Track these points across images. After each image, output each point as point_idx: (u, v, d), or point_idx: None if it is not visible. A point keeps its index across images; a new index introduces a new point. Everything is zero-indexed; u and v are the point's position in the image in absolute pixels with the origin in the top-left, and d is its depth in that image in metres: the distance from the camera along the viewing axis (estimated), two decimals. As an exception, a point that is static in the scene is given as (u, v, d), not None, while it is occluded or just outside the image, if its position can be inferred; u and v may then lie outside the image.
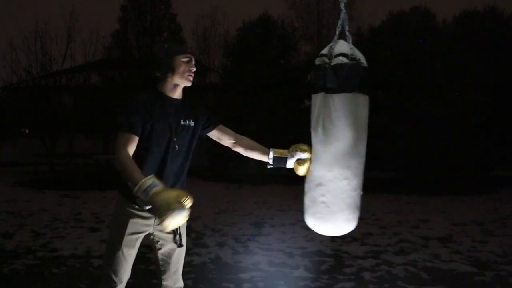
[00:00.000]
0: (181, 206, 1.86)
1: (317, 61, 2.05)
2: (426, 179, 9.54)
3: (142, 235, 2.27)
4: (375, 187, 9.62)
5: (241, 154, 2.49)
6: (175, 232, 2.28)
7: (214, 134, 2.44)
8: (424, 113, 9.63)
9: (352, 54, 1.97)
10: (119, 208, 2.27)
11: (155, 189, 1.90)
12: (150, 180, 1.93)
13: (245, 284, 3.79)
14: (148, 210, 2.14)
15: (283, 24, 13.74)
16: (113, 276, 2.25)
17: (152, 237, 2.31)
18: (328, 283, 3.86)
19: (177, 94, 2.28)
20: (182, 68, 2.23)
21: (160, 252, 2.34)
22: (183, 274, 2.47)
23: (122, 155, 2.09)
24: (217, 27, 19.09)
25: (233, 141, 2.44)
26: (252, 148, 2.44)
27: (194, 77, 2.27)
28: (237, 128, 2.58)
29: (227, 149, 2.49)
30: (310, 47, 16.41)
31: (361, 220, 2.13)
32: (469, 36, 11.24)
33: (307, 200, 2.11)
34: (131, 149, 2.13)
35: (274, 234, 5.57)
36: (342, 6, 2.05)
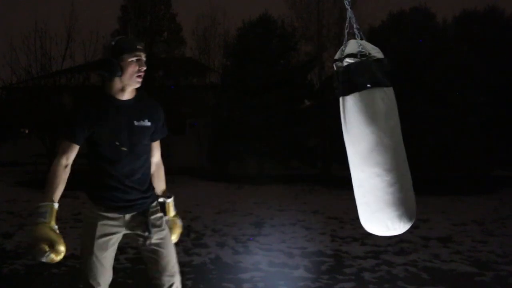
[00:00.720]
0: (40, 252, 1.95)
1: (334, 67, 2.06)
2: (426, 179, 9.54)
3: (114, 237, 2.22)
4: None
5: (241, 155, 2.50)
6: (145, 225, 2.22)
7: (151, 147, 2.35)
8: (424, 113, 9.63)
9: (361, 51, 1.96)
10: (87, 211, 2.26)
11: (39, 219, 2.03)
12: (43, 208, 2.06)
13: (245, 284, 3.78)
14: (115, 210, 2.17)
15: (283, 24, 13.75)
16: (91, 281, 2.18)
17: (129, 236, 2.27)
18: (328, 283, 3.86)
19: (127, 95, 2.17)
20: (130, 68, 2.11)
21: (144, 249, 2.26)
22: (183, 274, 2.46)
23: (54, 163, 2.14)
24: (217, 27, 19.06)
25: (154, 167, 2.38)
26: (158, 183, 2.41)
27: (194, 77, 2.22)
28: (237, 128, 2.57)
29: (227, 149, 2.48)
30: (310, 47, 16.38)
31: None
32: (469, 36, 11.25)
33: (356, 202, 2.09)
34: (70, 157, 2.14)
35: (274, 234, 5.57)
36: (347, 4, 2.05)
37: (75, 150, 2.14)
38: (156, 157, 2.37)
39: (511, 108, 11.07)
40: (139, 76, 2.13)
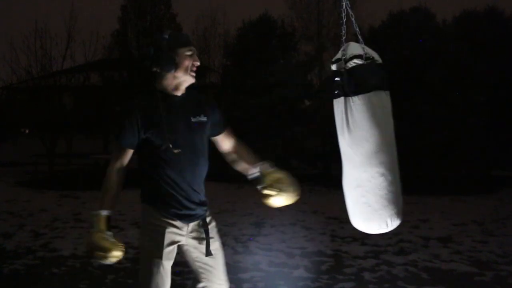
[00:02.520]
0: (97, 258, 1.95)
1: (334, 67, 2.06)
2: (426, 179, 9.54)
3: (176, 246, 2.12)
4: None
5: None
6: (205, 240, 2.13)
7: (217, 140, 2.23)
8: (424, 113, 9.62)
9: (366, 54, 1.98)
10: (151, 220, 2.08)
11: (91, 228, 1.97)
12: (93, 217, 1.98)
13: (245, 284, 3.79)
14: (180, 218, 2.07)
15: (283, 24, 13.75)
16: None
17: (186, 246, 2.15)
18: (328, 283, 3.86)
19: (180, 91, 2.06)
20: (186, 63, 2.00)
21: (196, 260, 2.16)
22: (183, 274, 2.46)
23: (108, 169, 2.04)
24: (217, 27, 19.08)
25: (231, 151, 2.24)
26: (242, 160, 2.21)
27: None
28: (237, 128, 2.55)
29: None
30: (310, 47, 16.38)
31: (361, 220, 2.13)
32: (469, 36, 11.23)
33: (350, 203, 2.10)
34: (124, 161, 2.04)
35: (274, 234, 5.57)
36: (344, 5, 2.06)
37: (129, 154, 2.03)
38: (227, 145, 2.23)
39: (511, 108, 11.06)
40: (193, 71, 2.03)
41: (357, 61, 1.98)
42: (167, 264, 2.06)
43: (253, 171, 2.14)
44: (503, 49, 11.20)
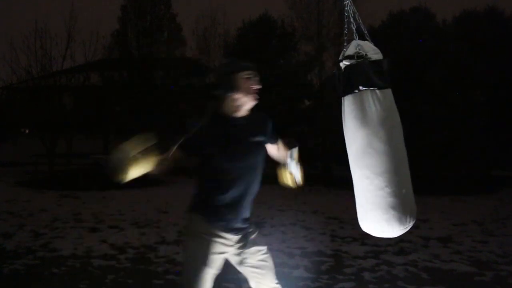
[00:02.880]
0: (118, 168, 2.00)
1: (336, 68, 2.08)
2: (426, 179, 9.54)
3: (224, 256, 2.19)
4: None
5: None
6: (253, 247, 2.25)
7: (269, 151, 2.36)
8: (424, 113, 9.63)
9: (358, 52, 1.96)
10: (200, 229, 2.14)
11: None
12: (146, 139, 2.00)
13: (245, 284, 3.78)
14: (230, 231, 2.15)
15: (283, 24, 13.75)
16: None
17: (235, 257, 2.24)
18: (328, 283, 3.86)
19: (242, 113, 2.17)
20: (245, 85, 2.11)
21: (247, 266, 2.26)
22: (183, 274, 2.46)
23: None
24: (217, 27, 19.04)
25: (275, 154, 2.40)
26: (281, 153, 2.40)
27: (194, 77, 2.21)
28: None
29: None
30: (310, 47, 16.37)
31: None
32: (469, 36, 11.24)
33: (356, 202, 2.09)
34: (176, 156, 2.08)
35: (274, 234, 5.56)
36: (347, 3, 2.06)
37: (181, 157, 2.10)
38: (276, 150, 2.38)
39: (511, 108, 11.06)
40: (254, 93, 2.13)
41: (346, 62, 1.98)
42: (212, 271, 2.14)
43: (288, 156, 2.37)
44: (503, 49, 11.21)
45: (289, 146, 2.36)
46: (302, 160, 2.40)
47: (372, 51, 1.99)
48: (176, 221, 6.28)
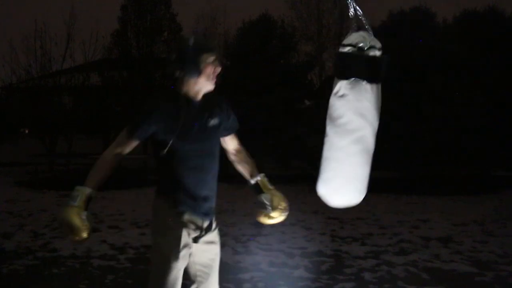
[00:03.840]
0: (64, 234, 1.96)
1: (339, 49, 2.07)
2: (426, 179, 9.54)
3: (190, 247, 2.09)
4: (375, 187, 9.62)
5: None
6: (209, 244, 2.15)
7: (224, 140, 2.26)
8: (424, 113, 9.62)
9: (358, 43, 1.97)
10: (167, 218, 2.06)
11: (69, 201, 1.94)
12: (76, 192, 1.96)
13: (245, 284, 3.78)
14: (196, 217, 2.08)
15: (283, 24, 13.76)
16: None
17: (193, 248, 2.13)
18: (328, 283, 3.85)
19: (200, 95, 2.09)
20: (208, 69, 2.02)
21: (196, 263, 2.14)
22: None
23: (107, 151, 2.06)
24: (217, 27, 19.06)
25: (234, 153, 2.31)
26: (243, 166, 2.29)
27: None
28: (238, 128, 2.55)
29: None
30: (310, 47, 16.39)
31: (361, 220, 2.13)
32: (469, 36, 11.23)
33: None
34: (125, 150, 2.05)
35: (274, 234, 5.56)
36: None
37: (133, 145, 2.05)
38: (232, 146, 2.29)
39: (511, 108, 11.05)
40: (214, 78, 2.06)
41: (345, 49, 1.99)
42: (182, 266, 2.06)
43: (252, 180, 2.26)
44: (503, 49, 11.20)
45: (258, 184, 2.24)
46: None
47: (372, 47, 1.99)
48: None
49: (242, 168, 2.30)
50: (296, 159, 12.39)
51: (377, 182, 11.17)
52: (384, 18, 12.23)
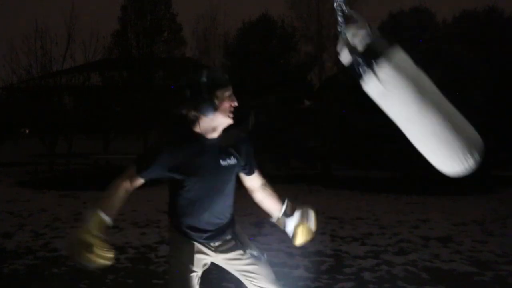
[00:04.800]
0: (80, 257, 1.82)
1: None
2: (426, 179, 9.54)
3: (206, 261, 2.18)
4: (375, 187, 9.63)
5: None
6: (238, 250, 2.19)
7: (245, 178, 2.23)
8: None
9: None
10: (179, 243, 2.11)
11: (85, 226, 1.88)
12: (92, 215, 1.90)
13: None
14: (209, 242, 2.13)
15: (283, 24, 13.78)
16: None
17: (221, 262, 2.25)
18: (328, 283, 3.86)
19: (217, 133, 2.01)
20: (225, 105, 1.93)
21: (238, 270, 2.25)
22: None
23: (117, 181, 2.00)
24: (217, 27, 19.03)
25: (258, 189, 2.28)
26: (270, 201, 2.29)
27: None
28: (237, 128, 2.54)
29: None
30: (310, 47, 16.39)
31: (361, 220, 2.13)
32: (469, 36, 11.25)
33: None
34: (134, 185, 2.02)
35: (274, 234, 5.56)
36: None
37: (140, 183, 2.02)
38: (255, 183, 2.24)
39: (511, 108, 11.07)
40: (231, 112, 1.97)
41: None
42: (197, 274, 2.11)
43: (277, 214, 2.28)
44: (503, 49, 11.21)
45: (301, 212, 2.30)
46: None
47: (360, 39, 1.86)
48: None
49: (271, 207, 2.28)
50: (296, 159, 12.41)
51: (377, 182, 11.21)
52: (384, 18, 12.24)
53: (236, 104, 1.98)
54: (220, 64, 16.01)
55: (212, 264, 2.24)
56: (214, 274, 4.04)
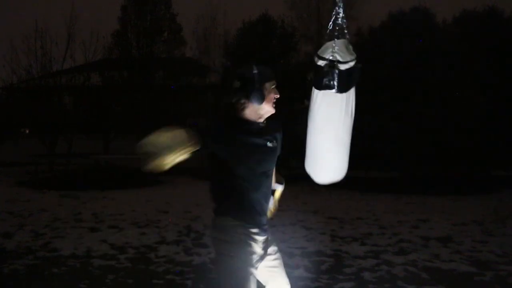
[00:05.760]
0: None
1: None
2: (426, 179, 9.54)
3: (258, 256, 2.24)
4: (375, 187, 9.63)
5: None
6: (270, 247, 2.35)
7: None
8: (424, 113, 9.63)
9: (330, 58, 2.10)
10: (238, 233, 2.14)
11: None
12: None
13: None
14: (259, 233, 2.22)
15: (283, 24, 13.76)
16: None
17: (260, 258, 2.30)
18: (328, 283, 3.86)
19: (262, 119, 2.24)
20: (271, 96, 2.20)
21: (266, 266, 2.33)
22: (182, 274, 2.46)
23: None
24: (217, 27, 19.06)
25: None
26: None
27: (194, 77, 2.19)
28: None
29: None
30: (310, 47, 16.39)
31: (361, 220, 2.14)
32: (469, 36, 11.24)
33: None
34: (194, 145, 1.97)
35: (274, 234, 5.54)
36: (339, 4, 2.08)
37: (195, 148, 1.95)
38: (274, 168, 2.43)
39: (511, 108, 11.06)
40: (274, 103, 2.23)
41: (320, 62, 2.16)
42: (255, 273, 2.16)
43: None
44: (503, 49, 11.21)
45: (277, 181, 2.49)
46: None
47: (346, 56, 2.06)
48: (176, 221, 6.29)
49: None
50: (296, 159, 12.40)
51: (377, 182, 11.21)
52: (384, 18, 12.23)
53: (278, 96, 2.23)
54: (220, 64, 16.03)
55: (213, 263, 2.24)
56: (214, 274, 4.05)
